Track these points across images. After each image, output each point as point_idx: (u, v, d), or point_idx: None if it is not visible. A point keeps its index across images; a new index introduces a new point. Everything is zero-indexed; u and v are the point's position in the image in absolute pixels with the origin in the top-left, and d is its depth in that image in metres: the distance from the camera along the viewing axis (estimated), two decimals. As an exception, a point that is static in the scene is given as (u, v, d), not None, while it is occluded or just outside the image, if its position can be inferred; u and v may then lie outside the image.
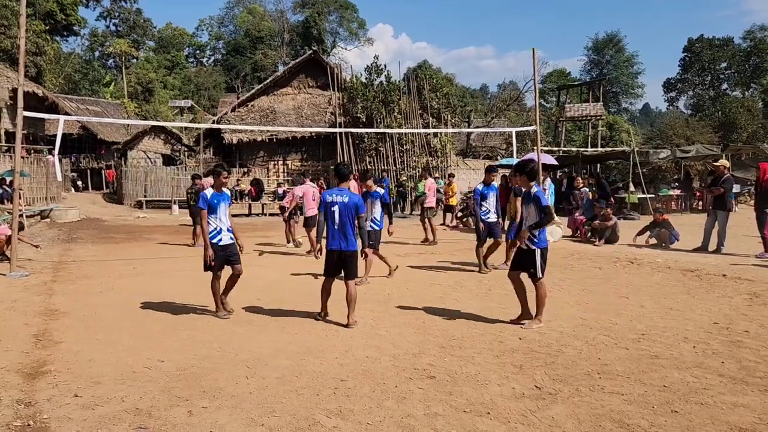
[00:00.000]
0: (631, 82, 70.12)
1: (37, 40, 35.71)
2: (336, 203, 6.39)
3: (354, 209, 6.44)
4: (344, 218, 6.37)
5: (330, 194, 6.51)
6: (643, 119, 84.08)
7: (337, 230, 6.41)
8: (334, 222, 6.40)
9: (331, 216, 6.41)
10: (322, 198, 6.55)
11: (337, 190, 6.54)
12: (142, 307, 7.49)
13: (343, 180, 6.67)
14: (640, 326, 6.40)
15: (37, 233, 15.53)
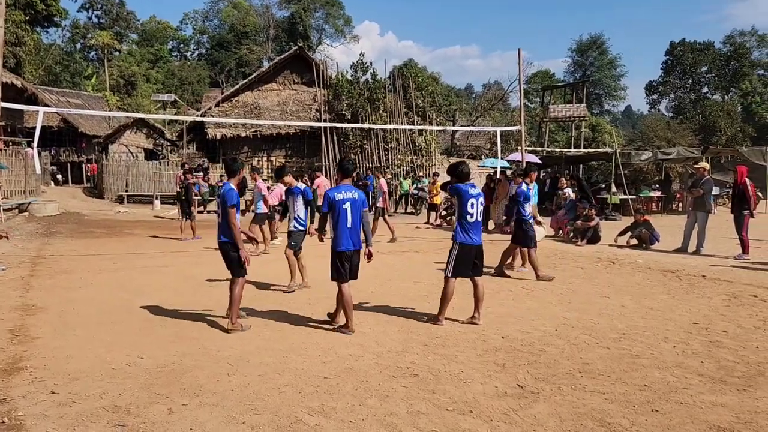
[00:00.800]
0: (614, 84, 70.80)
1: (17, 31, 35.14)
2: (347, 200, 6.02)
3: (362, 206, 6.23)
4: (356, 216, 6.08)
5: (338, 191, 6.08)
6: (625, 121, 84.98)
7: (350, 229, 6.04)
8: (346, 221, 6.02)
9: (342, 214, 6.00)
10: (330, 196, 6.07)
11: (345, 186, 6.18)
12: (121, 302, 7.39)
13: (347, 176, 6.32)
14: (621, 326, 6.45)
15: (15, 227, 15.27)
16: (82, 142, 37.59)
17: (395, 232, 14.24)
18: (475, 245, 6.47)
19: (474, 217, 6.43)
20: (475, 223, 6.45)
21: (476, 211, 6.44)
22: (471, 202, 6.39)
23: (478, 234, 6.51)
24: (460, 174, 6.57)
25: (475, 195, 6.44)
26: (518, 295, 8.18)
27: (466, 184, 6.52)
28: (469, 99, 68.12)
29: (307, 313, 6.95)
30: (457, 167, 6.68)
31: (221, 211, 6.22)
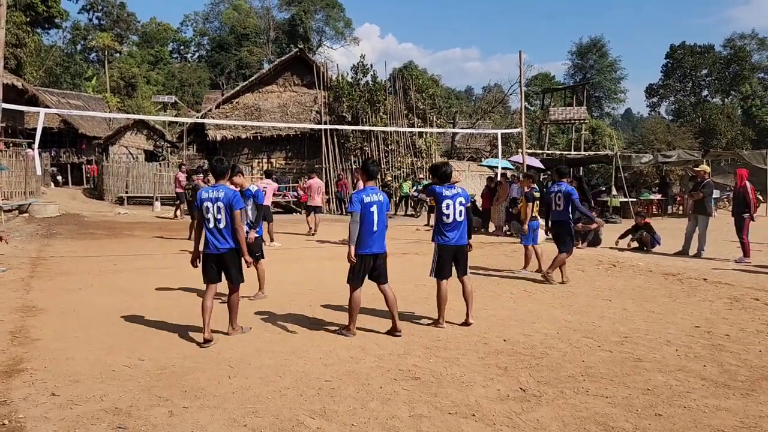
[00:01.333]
0: (614, 87, 70.86)
1: (18, 32, 35.18)
2: (374, 203, 5.90)
3: (386, 208, 6.13)
4: (382, 219, 5.97)
5: (366, 194, 5.93)
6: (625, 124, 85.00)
7: (376, 233, 5.92)
8: (372, 224, 5.90)
9: (369, 217, 5.87)
10: (358, 197, 5.91)
11: (371, 189, 6.03)
12: (122, 304, 7.37)
13: (372, 178, 6.17)
14: (623, 329, 6.44)
15: (15, 228, 15.24)
16: (82, 143, 37.61)
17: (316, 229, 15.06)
18: (453, 245, 6.45)
19: (451, 218, 6.39)
20: (453, 224, 6.40)
21: (453, 211, 6.38)
22: (446, 203, 6.38)
23: (458, 234, 6.45)
24: (442, 175, 6.58)
25: (450, 196, 6.40)
26: (519, 297, 8.17)
27: (445, 185, 6.50)
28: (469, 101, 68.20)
29: (308, 316, 6.93)
30: (439, 168, 6.70)
31: (225, 216, 5.77)
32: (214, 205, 5.76)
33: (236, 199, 5.82)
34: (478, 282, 9.13)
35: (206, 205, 5.77)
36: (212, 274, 5.86)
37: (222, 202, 5.76)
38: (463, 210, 6.46)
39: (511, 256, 12.04)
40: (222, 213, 5.76)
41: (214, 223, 5.77)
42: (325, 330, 6.30)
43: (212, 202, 5.77)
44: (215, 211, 5.76)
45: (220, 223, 5.77)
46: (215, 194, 5.79)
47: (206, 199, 5.79)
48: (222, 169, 6.01)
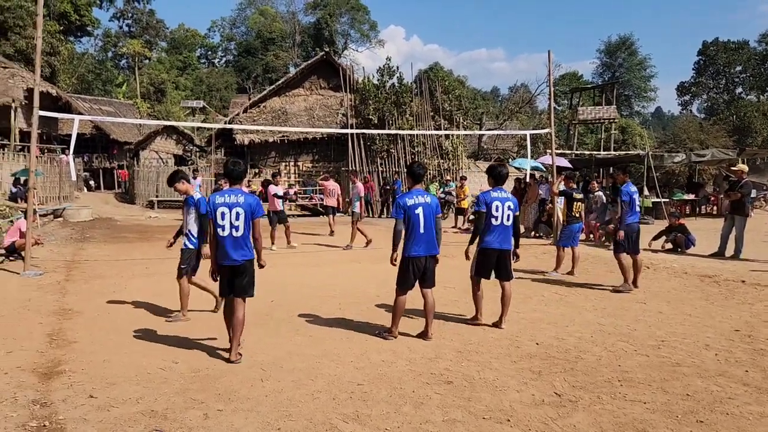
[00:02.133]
0: (644, 86, 69.51)
1: (52, 41, 35.99)
2: (419, 205, 5.86)
3: (436, 210, 6.05)
4: (429, 220, 5.90)
5: (410, 197, 5.91)
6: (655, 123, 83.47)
7: (423, 234, 5.87)
8: (419, 226, 5.85)
9: (415, 219, 5.83)
10: (401, 202, 5.89)
11: (416, 191, 6.01)
12: (154, 307, 7.47)
13: (418, 181, 6.13)
14: (659, 333, 6.30)
15: (50, 232, 15.58)
16: (113, 148, 38.35)
17: (354, 240, 13.70)
18: (496, 249, 6.47)
19: (499, 220, 6.42)
20: (500, 227, 6.43)
21: (501, 214, 6.41)
22: (496, 204, 6.42)
23: (503, 238, 6.47)
24: (497, 176, 6.60)
25: (500, 198, 6.44)
26: (550, 300, 8.06)
27: (495, 188, 6.55)
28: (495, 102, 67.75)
29: (339, 319, 6.93)
30: (495, 169, 6.72)
31: (244, 224, 5.27)
32: (232, 211, 5.22)
33: (258, 206, 5.38)
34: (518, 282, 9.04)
35: (221, 211, 5.22)
36: (225, 288, 5.42)
37: (242, 208, 5.24)
38: (511, 215, 6.46)
39: (541, 258, 11.90)
40: (241, 220, 5.24)
41: (230, 231, 5.23)
42: (356, 333, 6.29)
43: (229, 207, 5.22)
44: (233, 218, 5.22)
45: (237, 231, 5.25)
46: (233, 199, 5.25)
47: (222, 204, 5.24)
48: (239, 172, 5.47)
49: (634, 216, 8.71)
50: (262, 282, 8.47)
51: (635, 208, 8.71)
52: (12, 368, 5.01)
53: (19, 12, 34.12)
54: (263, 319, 6.91)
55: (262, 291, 8.11)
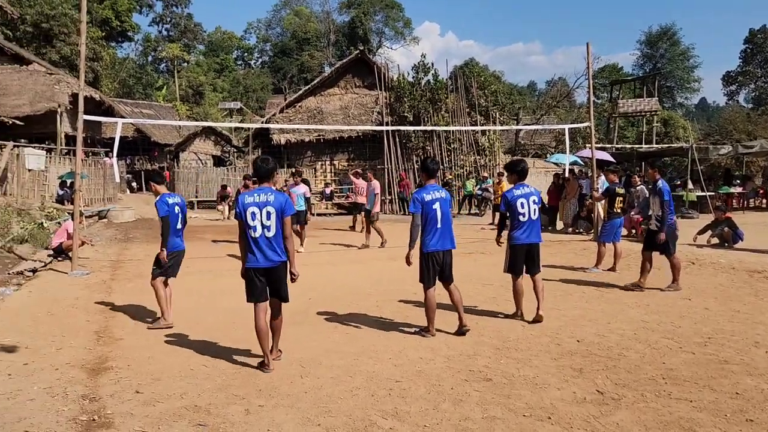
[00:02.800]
0: (687, 76, 67.49)
1: (95, 47, 37.02)
2: (437, 200, 5.90)
3: (450, 204, 6.14)
4: (446, 215, 5.97)
5: (426, 192, 5.94)
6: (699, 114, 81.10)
7: (441, 229, 5.91)
8: (437, 221, 5.89)
9: (432, 214, 5.86)
10: (418, 197, 5.92)
11: (432, 187, 6.04)
12: (195, 305, 7.62)
13: (432, 176, 6.16)
14: (705, 329, 6.13)
15: (95, 233, 16.04)
16: (154, 150, 39.24)
17: (370, 240, 13.40)
18: (526, 244, 6.60)
19: (526, 216, 6.53)
20: (528, 223, 6.56)
21: (528, 210, 6.54)
22: (521, 201, 6.53)
23: (532, 233, 6.61)
24: (521, 171, 6.78)
25: (524, 195, 6.55)
26: (591, 297, 7.92)
27: (516, 185, 6.69)
28: (532, 97, 66.88)
29: (376, 316, 6.95)
30: (517, 165, 6.92)
31: (275, 223, 5.02)
32: (263, 210, 4.99)
33: (288, 204, 5.13)
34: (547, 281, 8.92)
35: (252, 211, 4.99)
36: (260, 292, 5.11)
37: (273, 207, 5.00)
38: (536, 209, 6.60)
39: (581, 254, 11.70)
40: (272, 219, 5.00)
41: (261, 231, 5.00)
42: (393, 330, 6.30)
43: (259, 207, 5.00)
44: (264, 218, 4.99)
45: (269, 231, 5.01)
46: (263, 198, 5.03)
47: (252, 204, 5.00)
48: (267, 169, 5.20)
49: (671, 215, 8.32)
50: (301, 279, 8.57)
51: (672, 207, 8.33)
52: (62, 364, 5.18)
53: (64, 20, 35.19)
54: (301, 316, 6.98)
55: (299, 289, 8.19)
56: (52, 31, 35.02)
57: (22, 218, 14.39)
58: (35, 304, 7.57)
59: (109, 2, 52.44)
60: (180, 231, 6.85)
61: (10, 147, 17.77)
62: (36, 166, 19.16)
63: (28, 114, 23.46)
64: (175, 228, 6.71)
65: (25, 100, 24.38)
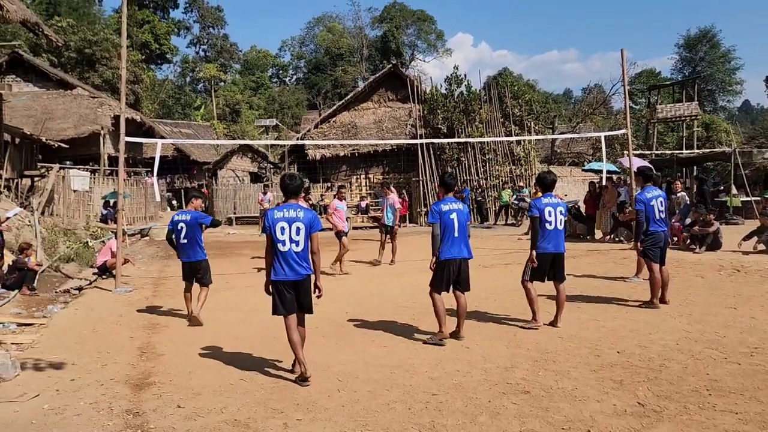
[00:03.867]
0: (729, 79, 65.66)
1: (135, 70, 38.22)
2: (454, 211, 6.23)
3: (467, 216, 6.43)
4: (463, 226, 6.27)
5: (444, 204, 6.30)
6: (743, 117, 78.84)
7: (458, 238, 6.21)
8: (453, 230, 6.19)
9: (450, 224, 6.18)
10: (437, 209, 6.26)
11: (449, 199, 6.38)
12: (236, 320, 7.75)
13: (450, 190, 6.50)
14: (751, 339, 5.94)
15: (137, 251, 16.46)
16: (193, 169, 40.14)
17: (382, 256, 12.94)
18: (551, 253, 6.72)
19: (552, 225, 6.68)
20: (554, 232, 6.69)
21: (555, 220, 6.67)
22: (548, 210, 6.67)
23: (557, 243, 6.73)
24: (550, 183, 6.93)
25: (552, 204, 6.71)
26: (631, 307, 7.75)
27: (545, 194, 6.85)
28: (567, 105, 66.10)
29: (413, 329, 6.95)
30: (546, 177, 7.03)
31: (304, 238, 5.21)
32: (292, 225, 5.17)
33: (316, 220, 5.33)
34: (587, 292, 8.79)
35: (281, 226, 5.17)
36: (290, 304, 5.24)
37: (302, 222, 5.19)
38: (563, 219, 6.77)
39: (621, 264, 11.46)
40: (301, 235, 5.19)
41: (290, 246, 5.17)
42: (430, 343, 6.28)
43: (289, 222, 5.17)
44: (293, 233, 5.17)
45: (298, 246, 5.19)
46: (293, 213, 5.21)
47: (282, 219, 5.18)
48: (295, 186, 5.39)
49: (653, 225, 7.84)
50: (338, 293, 8.65)
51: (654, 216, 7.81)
52: (107, 380, 5.33)
53: (105, 45, 36.46)
54: (339, 330, 7.03)
55: (337, 302, 8.31)
56: (94, 56, 36.31)
57: (68, 238, 14.90)
58: (81, 322, 7.81)
59: (148, 27, 54.23)
60: (185, 245, 7.90)
61: (56, 169, 18.43)
62: (81, 186, 19.83)
63: (72, 137, 24.35)
64: (179, 242, 7.91)
65: (69, 123, 25.32)
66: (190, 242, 7.86)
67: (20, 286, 9.86)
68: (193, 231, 7.87)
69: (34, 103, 26.26)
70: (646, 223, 7.76)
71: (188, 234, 7.83)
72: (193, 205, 8.22)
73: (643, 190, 8.01)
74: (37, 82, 29.14)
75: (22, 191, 18.28)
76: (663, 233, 7.81)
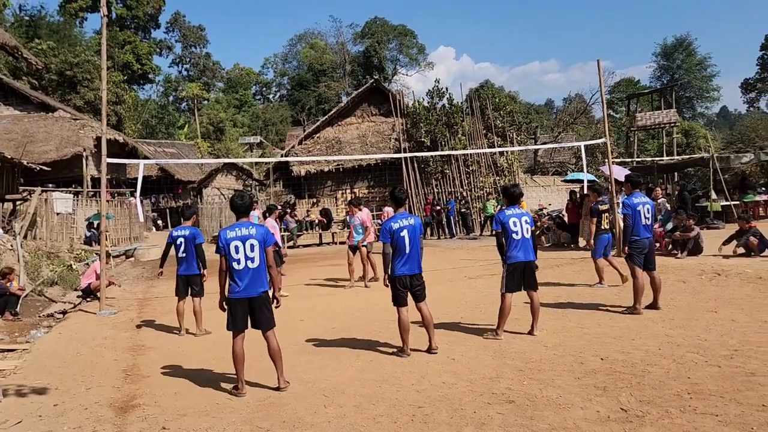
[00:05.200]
0: (706, 86, 66.91)
1: (117, 90, 38.08)
2: (404, 228, 6.25)
3: (420, 231, 6.42)
4: (414, 241, 6.29)
5: (394, 221, 6.31)
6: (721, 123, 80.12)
7: (408, 255, 6.23)
8: (405, 247, 6.22)
9: (401, 242, 6.21)
10: (386, 227, 6.31)
11: (400, 215, 6.41)
12: (222, 339, 7.69)
13: (401, 205, 6.59)
14: (732, 342, 6.03)
15: (122, 272, 16.34)
16: (178, 188, 39.95)
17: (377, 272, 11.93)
18: (522, 262, 6.79)
19: (519, 234, 6.77)
20: (521, 241, 6.78)
21: (521, 229, 6.78)
22: (513, 220, 6.77)
23: (526, 251, 6.80)
24: (511, 195, 7.06)
25: (516, 214, 6.83)
26: (615, 313, 7.83)
27: (509, 207, 6.99)
28: (549, 114, 66.80)
29: (398, 343, 6.94)
30: (508, 189, 7.18)
31: (259, 255, 5.37)
32: (246, 243, 5.33)
33: (269, 234, 5.49)
34: (571, 300, 8.87)
35: (235, 245, 5.32)
36: (242, 321, 5.43)
37: (256, 239, 5.36)
38: (529, 228, 6.86)
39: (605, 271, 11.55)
40: (256, 251, 5.34)
41: (246, 263, 5.32)
42: (416, 356, 6.30)
43: (242, 240, 5.33)
44: (248, 250, 5.32)
45: (254, 262, 5.33)
46: (245, 231, 5.37)
47: (235, 238, 5.33)
48: (245, 205, 5.55)
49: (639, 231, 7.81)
50: (324, 309, 8.64)
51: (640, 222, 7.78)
52: (91, 404, 5.29)
53: (87, 66, 36.31)
54: (325, 345, 7.04)
55: (323, 318, 8.32)
56: (75, 78, 36.14)
57: (51, 261, 14.74)
58: (65, 346, 7.74)
59: (130, 47, 54.16)
60: (182, 259, 8.34)
61: (38, 192, 18.28)
62: (64, 209, 19.65)
63: (54, 159, 24.14)
64: (178, 255, 8.35)
65: (51, 146, 25.12)
66: (188, 256, 8.30)
67: (2, 311, 9.76)
68: (191, 245, 8.31)
69: (15, 126, 26.08)
70: (634, 228, 7.77)
71: (186, 248, 8.28)
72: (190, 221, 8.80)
73: (631, 195, 8.03)
74: (17, 105, 28.92)
75: (4, 215, 18.09)
76: (647, 240, 7.82)
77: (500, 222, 6.86)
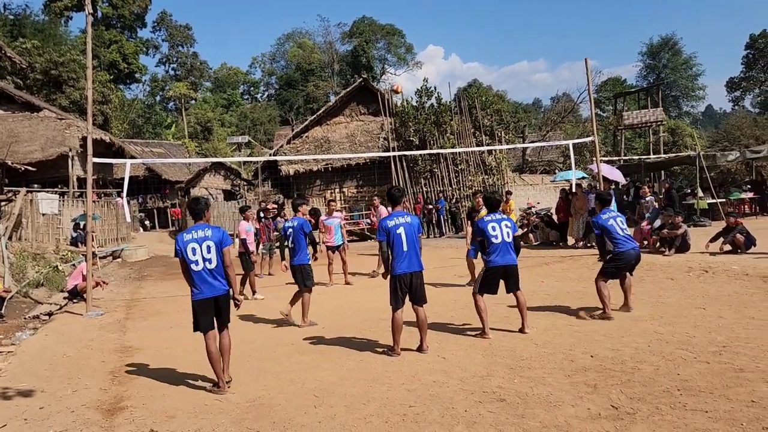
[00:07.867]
0: (691, 85, 67.52)
1: (103, 90, 37.70)
2: (401, 225, 6.22)
3: (418, 229, 6.37)
4: (411, 239, 6.24)
5: (390, 219, 6.29)
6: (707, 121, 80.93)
7: (407, 252, 6.19)
8: (402, 244, 6.18)
9: (398, 239, 6.18)
10: (383, 225, 6.28)
11: (396, 213, 6.39)
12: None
13: (397, 203, 6.53)
14: (720, 338, 6.07)
15: (109, 273, 16.19)
16: (166, 188, 39.67)
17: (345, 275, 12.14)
18: (502, 265, 6.86)
19: (499, 238, 6.84)
20: (501, 244, 6.84)
21: (500, 233, 6.85)
22: (492, 225, 6.86)
23: (507, 255, 6.87)
24: (490, 203, 7.22)
25: (496, 219, 6.92)
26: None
27: (489, 212, 7.13)
28: (537, 113, 67.06)
29: (389, 342, 6.92)
30: (487, 197, 7.34)
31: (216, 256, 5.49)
32: (202, 245, 5.45)
33: (226, 237, 5.60)
34: (562, 297, 8.89)
35: (192, 247, 5.43)
36: (209, 321, 5.52)
37: (212, 241, 5.48)
38: (510, 232, 6.91)
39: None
40: (213, 252, 5.47)
41: (203, 265, 5.44)
42: (406, 354, 6.29)
43: (199, 242, 5.45)
44: (204, 251, 5.44)
45: (211, 263, 5.47)
46: (201, 233, 5.50)
47: (191, 241, 5.45)
48: (200, 209, 5.72)
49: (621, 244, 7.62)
50: (313, 308, 8.59)
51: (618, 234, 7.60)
52: (78, 406, 5.22)
53: (72, 66, 35.93)
54: (315, 345, 7.01)
55: (313, 317, 8.25)
56: (61, 78, 35.76)
57: (37, 262, 14.59)
58: (51, 348, 7.65)
59: (116, 46, 53.70)
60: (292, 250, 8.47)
61: (23, 193, 18.08)
62: (49, 210, 19.45)
63: (40, 159, 23.86)
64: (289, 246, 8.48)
65: (36, 146, 24.83)
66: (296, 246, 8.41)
67: (-13, 313, 9.62)
68: (300, 235, 8.41)
69: (-1, 126, 25.76)
70: (612, 244, 7.55)
71: (295, 238, 8.40)
72: None
73: (600, 213, 7.85)
74: (1, 105, 28.51)
75: (-12, 216, 17.87)
76: (634, 251, 7.58)
77: (478, 229, 6.97)
